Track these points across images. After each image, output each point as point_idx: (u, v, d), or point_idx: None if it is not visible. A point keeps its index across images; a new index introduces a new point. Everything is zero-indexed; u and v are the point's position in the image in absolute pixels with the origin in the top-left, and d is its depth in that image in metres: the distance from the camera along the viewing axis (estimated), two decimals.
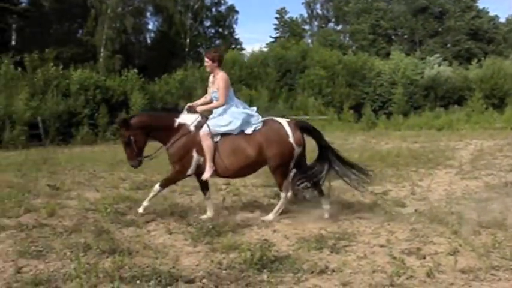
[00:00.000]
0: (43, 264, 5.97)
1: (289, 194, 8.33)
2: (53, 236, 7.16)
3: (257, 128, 8.04)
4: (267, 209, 8.72)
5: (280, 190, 8.23)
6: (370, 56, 48.72)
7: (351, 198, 9.74)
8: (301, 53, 46.04)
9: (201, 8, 58.46)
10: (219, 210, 8.65)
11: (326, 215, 8.17)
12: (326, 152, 8.33)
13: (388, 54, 53.15)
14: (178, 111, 8.62)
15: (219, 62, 8.34)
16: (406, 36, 66.77)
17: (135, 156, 8.23)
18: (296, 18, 74.20)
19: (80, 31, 50.64)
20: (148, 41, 57.15)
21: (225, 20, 63.03)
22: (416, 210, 8.60)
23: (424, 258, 6.12)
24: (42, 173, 13.65)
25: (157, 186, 8.30)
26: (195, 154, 8.09)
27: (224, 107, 8.16)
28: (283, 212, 8.37)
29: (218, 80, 8.19)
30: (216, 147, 7.99)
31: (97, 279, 5.30)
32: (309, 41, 67.75)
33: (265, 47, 58.24)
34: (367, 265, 5.87)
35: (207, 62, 8.34)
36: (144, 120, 8.28)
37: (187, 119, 8.27)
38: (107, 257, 6.12)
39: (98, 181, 11.84)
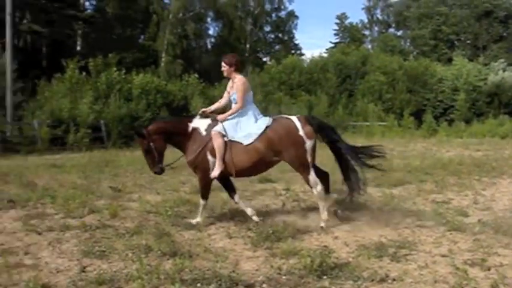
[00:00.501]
0: (106, 264, 6.11)
1: (319, 187, 8.05)
2: (115, 237, 7.32)
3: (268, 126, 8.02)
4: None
5: (310, 186, 8.16)
6: (431, 62, 47.88)
7: (412, 206, 9.59)
8: (361, 58, 45.70)
9: (261, 14, 58.70)
10: (279, 215, 8.65)
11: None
12: (339, 149, 8.36)
13: (450, 60, 52.14)
14: (191, 117, 8.76)
15: (236, 66, 8.36)
16: (469, 42, 65.18)
17: (157, 163, 8.36)
18: (356, 23, 73.60)
19: (142, 36, 51.60)
20: (209, 46, 57.75)
21: (284, 25, 63.08)
22: (479, 220, 8.35)
23: (489, 269, 5.95)
24: (104, 175, 13.96)
25: (201, 201, 8.38)
26: (210, 157, 8.13)
27: (242, 110, 8.19)
28: (344, 219, 8.32)
29: (237, 84, 8.21)
30: (228, 146, 8.02)
31: (158, 281, 5.39)
32: (369, 46, 67.07)
33: (325, 53, 58.09)
34: (429, 275, 5.76)
35: (224, 67, 8.39)
36: (160, 126, 8.43)
37: (199, 123, 8.37)
38: (168, 259, 6.21)
39: (159, 184, 12.02)
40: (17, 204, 9.68)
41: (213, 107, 8.70)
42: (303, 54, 60.36)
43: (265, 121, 8.11)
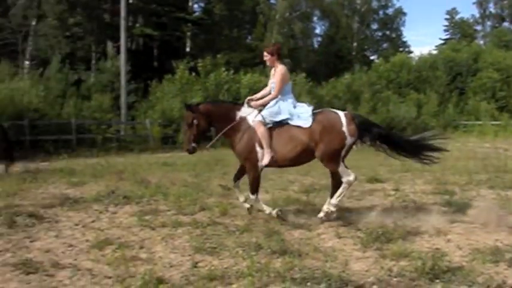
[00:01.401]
0: (217, 260, 6.21)
1: (352, 176, 8.11)
2: (225, 234, 7.43)
3: (311, 119, 8.03)
4: (437, 217, 8.40)
5: (342, 177, 8.15)
6: None
7: None
8: (473, 55, 44.08)
9: (368, 11, 57.96)
10: (388, 216, 8.46)
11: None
12: (391, 138, 8.48)
13: None
14: (240, 105, 8.75)
15: (278, 55, 8.40)
16: None
17: (192, 141, 8.47)
18: (467, 18, 71.07)
19: (249, 37, 52.30)
20: (316, 45, 57.65)
21: (392, 22, 61.94)
22: None
23: None
24: (214, 173, 14.21)
25: (251, 196, 8.50)
26: (258, 148, 8.21)
27: (280, 97, 8.27)
28: (456, 221, 8.05)
29: (277, 73, 8.31)
30: (272, 136, 8.12)
31: (268, 279, 5.41)
32: (481, 42, 64.45)
33: (434, 50, 56.54)
34: None
35: (266, 56, 8.45)
36: (209, 108, 8.53)
37: (247, 112, 8.45)
38: (278, 258, 6.22)
39: (267, 183, 12.09)
40: (131, 200, 10.05)
41: (259, 95, 8.80)
42: (411, 52, 59.20)
43: (308, 109, 8.19)
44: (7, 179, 12.70)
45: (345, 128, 8.00)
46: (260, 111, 8.33)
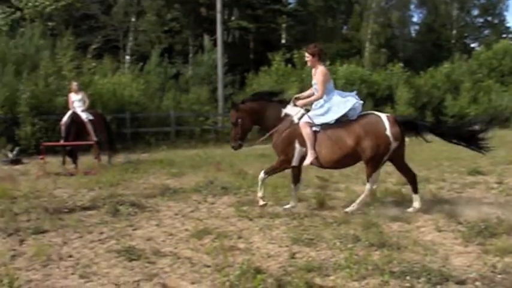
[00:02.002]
0: (314, 251, 6.21)
1: (375, 186, 8.28)
2: (323, 225, 7.42)
3: (356, 111, 8.22)
4: None
5: (367, 181, 8.25)
6: None
7: None
8: None
9: None
10: (491, 210, 8.17)
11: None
12: (443, 129, 8.55)
13: None
14: (285, 102, 8.80)
15: (319, 56, 8.46)
16: None
17: (238, 138, 8.76)
18: None
19: (345, 27, 51.74)
20: (413, 34, 56.25)
21: (494, 8, 59.31)
22: None
23: None
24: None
25: (262, 174, 8.62)
26: (297, 145, 8.35)
27: (324, 98, 8.32)
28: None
29: (318, 74, 8.38)
30: (317, 137, 8.20)
31: (366, 271, 5.35)
32: None
33: None
34: None
35: (308, 57, 8.56)
36: (253, 106, 8.71)
37: (292, 110, 8.57)
38: (376, 250, 6.15)
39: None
40: (229, 191, 10.22)
41: (305, 94, 8.90)
42: None
43: (351, 98, 8.32)
44: (110, 170, 13.24)
45: (388, 132, 8.05)
46: (307, 111, 8.46)
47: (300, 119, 8.40)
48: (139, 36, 35.91)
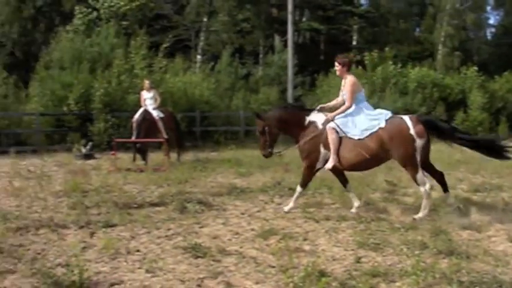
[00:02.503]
0: (380, 257, 6.14)
1: (428, 186, 8.12)
2: (390, 230, 7.32)
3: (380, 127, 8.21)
4: None
5: (418, 184, 8.21)
6: None
7: None
8: None
9: None
10: None
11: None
12: (457, 136, 8.49)
13: None
14: (309, 110, 9.12)
15: (348, 67, 8.74)
16: None
17: (267, 146, 9.05)
18: None
19: (418, 29, 50.75)
20: (489, 37, 54.61)
21: None
22: None
23: None
24: (380, 168, 13.93)
25: (298, 188, 8.89)
26: (322, 149, 8.60)
27: (353, 108, 8.49)
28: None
29: (347, 84, 8.59)
30: (341, 141, 8.39)
31: (433, 279, 5.25)
32: None
33: None
34: None
35: (337, 67, 8.79)
36: (277, 115, 8.99)
37: (317, 117, 8.81)
38: (444, 258, 6.02)
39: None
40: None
41: (331, 104, 9.08)
42: None
43: (379, 117, 8.33)
44: (179, 167, 13.45)
45: (412, 131, 8.09)
46: (332, 120, 8.57)
47: (324, 124, 8.61)
48: (211, 36, 36.33)
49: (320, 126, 8.66)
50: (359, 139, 8.26)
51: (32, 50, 32.46)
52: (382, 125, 8.20)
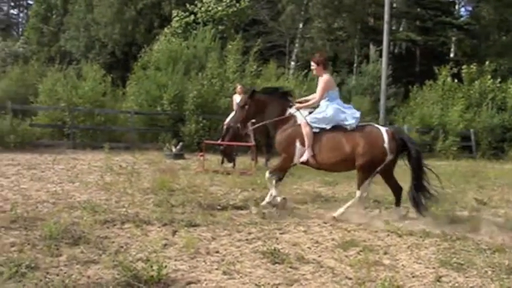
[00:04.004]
0: (462, 277, 5.92)
1: (365, 195, 8.74)
2: (475, 251, 7.04)
3: (352, 127, 8.62)
4: None
5: (358, 188, 8.72)
6: None
7: None
8: None
9: None
10: None
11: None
12: (415, 165, 8.80)
13: None
14: (291, 102, 9.31)
15: (323, 65, 9.04)
16: None
17: (239, 121, 9.49)
18: None
19: None
20: None
21: None
22: None
23: None
24: (470, 185, 13.56)
25: (267, 174, 9.28)
26: (298, 144, 8.85)
27: (327, 104, 8.86)
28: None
29: (320, 81, 8.98)
30: (317, 138, 8.71)
31: None
32: None
33: None
34: None
35: (313, 66, 9.15)
36: (262, 98, 9.29)
37: (297, 111, 9.07)
38: None
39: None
40: (381, 204, 10.03)
41: (308, 98, 9.50)
42: None
43: (354, 114, 8.74)
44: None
45: (386, 145, 8.47)
46: (310, 113, 8.97)
47: (301, 119, 8.94)
48: (305, 43, 36.38)
49: (298, 121, 8.95)
50: (337, 134, 8.64)
51: (132, 50, 33.63)
52: (353, 124, 8.64)
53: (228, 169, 14.13)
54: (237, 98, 15.71)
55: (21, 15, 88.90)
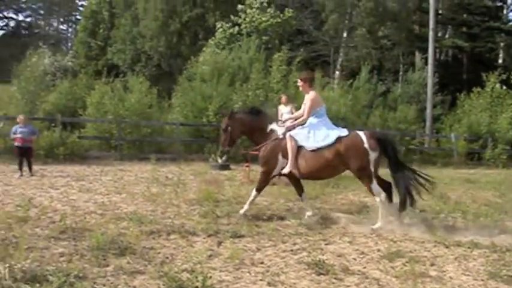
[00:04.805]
0: None
1: (383, 196, 8.78)
2: None
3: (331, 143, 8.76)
4: None
5: (373, 195, 8.87)
6: None
7: None
8: None
9: None
10: None
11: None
12: (395, 165, 9.01)
13: None
14: (271, 119, 9.72)
15: (310, 83, 9.33)
16: None
17: (226, 144, 9.54)
18: None
19: None
20: None
21: None
22: None
23: None
24: None
25: (254, 192, 9.33)
26: (280, 157, 9.13)
27: (314, 122, 9.05)
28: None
29: (307, 98, 9.19)
30: (300, 150, 8.93)
31: None
32: None
33: None
34: None
35: (299, 83, 9.46)
36: (242, 118, 9.53)
37: (277, 127, 9.42)
38: None
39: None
40: (427, 214, 9.89)
41: (295, 115, 9.82)
42: None
43: (336, 133, 8.85)
44: (311, 183, 13.46)
45: (366, 145, 8.72)
46: (293, 128, 9.21)
47: (284, 134, 9.14)
48: (350, 52, 36.22)
49: (280, 136, 9.19)
50: (317, 149, 8.79)
51: (177, 62, 34.03)
52: (341, 134, 8.82)
53: (273, 180, 14.12)
54: (282, 109, 15.73)
55: (70, 30, 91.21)
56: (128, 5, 39.36)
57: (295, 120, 9.44)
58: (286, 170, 9.05)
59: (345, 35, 35.68)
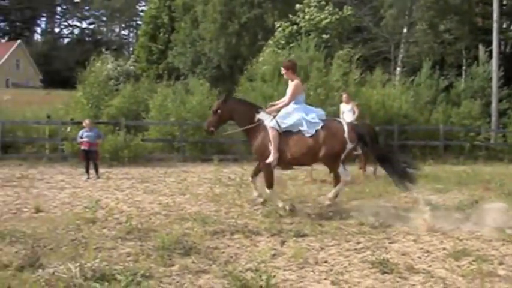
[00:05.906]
0: None
1: (348, 178, 9.62)
2: None
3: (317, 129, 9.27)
4: None
5: (335, 178, 9.65)
6: None
7: None
8: None
9: None
10: None
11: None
12: (380, 156, 9.73)
13: None
14: (259, 108, 10.09)
15: (293, 70, 9.80)
16: None
17: (212, 125, 10.04)
18: None
19: None
20: None
21: None
22: None
23: None
24: None
25: (267, 191, 9.72)
26: (271, 148, 9.38)
27: (294, 107, 9.50)
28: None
29: (290, 85, 9.67)
30: (283, 138, 9.36)
31: None
32: None
33: None
34: None
35: (283, 71, 9.91)
36: (233, 104, 10.06)
37: (265, 116, 9.72)
38: None
39: None
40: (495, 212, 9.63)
41: (277, 102, 10.12)
42: None
43: (316, 116, 9.41)
44: (375, 181, 13.36)
45: (346, 135, 9.26)
46: (274, 117, 9.53)
47: (270, 123, 9.50)
48: (411, 47, 35.63)
49: (267, 126, 9.52)
50: (299, 135, 9.29)
51: (237, 63, 34.25)
52: (312, 131, 9.25)
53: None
54: (343, 107, 15.65)
55: (131, 35, 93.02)
56: (187, 9, 39.88)
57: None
58: (269, 160, 9.41)
59: (405, 30, 35.07)
